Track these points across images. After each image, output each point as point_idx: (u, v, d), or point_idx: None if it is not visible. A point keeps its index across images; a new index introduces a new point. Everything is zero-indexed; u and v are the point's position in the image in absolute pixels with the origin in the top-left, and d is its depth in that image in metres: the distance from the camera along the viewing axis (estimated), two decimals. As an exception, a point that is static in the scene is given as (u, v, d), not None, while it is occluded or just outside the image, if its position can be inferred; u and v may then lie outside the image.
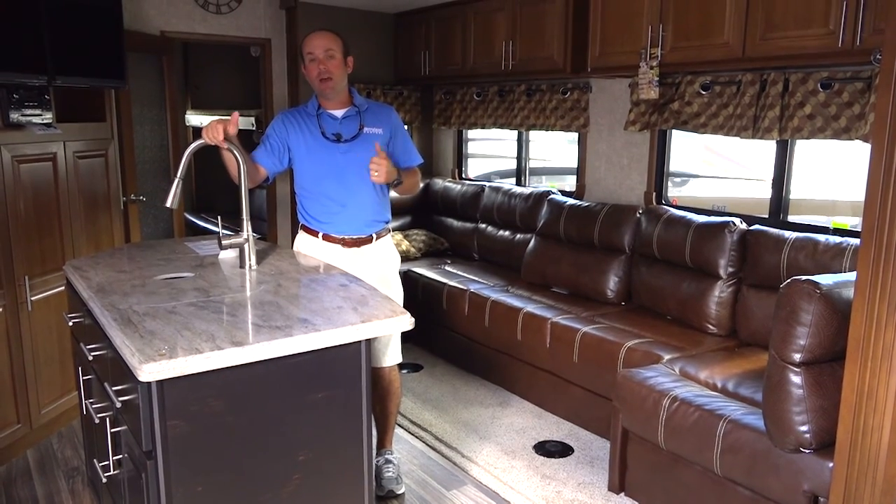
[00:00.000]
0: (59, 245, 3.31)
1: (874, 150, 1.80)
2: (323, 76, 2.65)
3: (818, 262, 2.94)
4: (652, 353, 3.05)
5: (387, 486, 2.83)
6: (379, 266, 2.81)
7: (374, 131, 2.76)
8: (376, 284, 2.62)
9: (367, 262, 2.77)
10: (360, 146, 2.71)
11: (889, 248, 1.78)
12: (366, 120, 2.75)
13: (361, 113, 2.76)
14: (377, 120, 2.78)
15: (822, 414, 2.14)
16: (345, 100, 2.77)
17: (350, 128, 2.74)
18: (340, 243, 2.77)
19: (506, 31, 4.32)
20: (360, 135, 2.73)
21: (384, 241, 2.86)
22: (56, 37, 3.15)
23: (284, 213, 5.26)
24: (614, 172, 4.23)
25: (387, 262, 2.86)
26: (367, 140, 2.72)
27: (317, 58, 2.65)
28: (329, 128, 2.73)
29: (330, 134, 2.72)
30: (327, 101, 2.74)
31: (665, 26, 3.35)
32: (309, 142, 2.73)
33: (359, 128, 2.73)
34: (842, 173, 3.58)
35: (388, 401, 2.89)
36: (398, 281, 2.91)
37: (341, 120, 2.74)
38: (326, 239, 2.77)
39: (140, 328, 1.71)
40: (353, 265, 2.67)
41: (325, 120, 2.74)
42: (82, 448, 3.04)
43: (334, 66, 2.66)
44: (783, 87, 3.15)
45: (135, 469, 1.72)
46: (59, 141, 3.29)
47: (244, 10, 4.83)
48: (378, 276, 2.75)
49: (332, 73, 2.65)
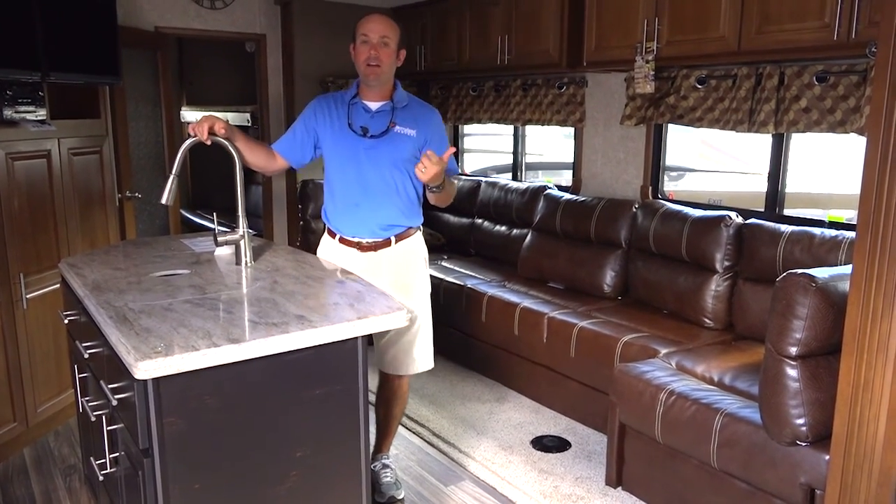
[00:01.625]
0: (54, 243, 3.30)
1: (869, 142, 1.80)
2: (372, 62, 2.48)
3: (814, 256, 2.94)
4: (649, 347, 3.06)
5: (387, 493, 2.75)
6: (398, 272, 2.62)
7: (406, 132, 2.56)
8: (394, 291, 2.45)
9: (385, 268, 2.60)
10: (386, 144, 2.54)
11: (885, 240, 1.78)
12: (399, 118, 2.56)
13: (396, 109, 2.57)
14: (413, 120, 2.58)
15: (818, 407, 2.14)
16: (386, 92, 2.58)
17: (380, 123, 2.55)
18: (356, 247, 2.60)
19: (502, 25, 4.31)
20: (388, 132, 2.54)
21: (407, 244, 2.65)
22: (50, 33, 3.14)
23: (280, 209, 5.25)
24: (610, 167, 4.23)
25: (408, 268, 2.65)
26: (395, 139, 2.54)
27: (370, 41, 2.48)
28: (358, 120, 2.56)
29: (357, 126, 2.54)
30: (368, 88, 2.56)
31: (660, 20, 3.35)
32: (336, 131, 2.57)
33: (389, 125, 2.54)
34: (838, 166, 3.59)
35: (394, 405, 2.80)
36: (424, 289, 2.71)
37: (374, 113, 2.56)
38: (343, 242, 2.62)
39: (136, 325, 1.70)
40: (368, 271, 2.52)
41: (356, 110, 2.57)
42: (79, 446, 3.03)
43: (386, 54, 2.50)
44: (779, 80, 3.15)
45: (131, 467, 1.71)
46: (54, 138, 3.28)
47: (239, 5, 4.81)
48: (399, 284, 2.59)
49: (382, 60, 2.48)
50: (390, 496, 2.76)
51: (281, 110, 5.10)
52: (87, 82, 3.60)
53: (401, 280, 2.62)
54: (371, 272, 2.53)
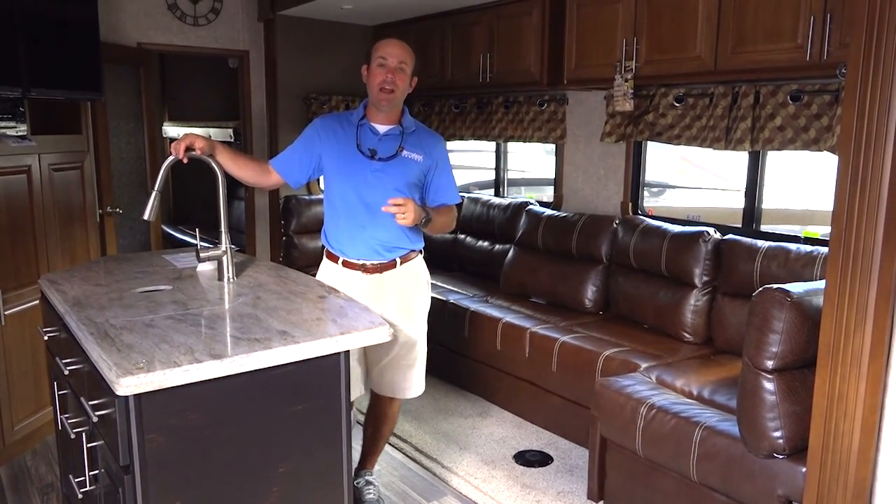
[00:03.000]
0: (33, 258, 3.27)
1: (840, 161, 1.85)
2: (387, 86, 2.47)
3: (790, 271, 2.99)
4: (629, 361, 3.09)
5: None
6: (403, 295, 2.62)
7: (414, 157, 2.56)
8: (397, 316, 2.54)
9: (390, 290, 2.59)
10: (394, 168, 2.53)
11: (856, 255, 1.82)
12: (407, 143, 2.56)
13: (405, 134, 2.57)
14: (420, 146, 2.58)
15: (794, 419, 2.18)
16: (395, 117, 2.57)
17: (389, 147, 2.54)
18: (361, 269, 2.57)
19: (483, 43, 4.36)
20: (396, 156, 2.53)
21: (411, 266, 2.64)
22: (31, 49, 3.13)
23: (263, 225, 5.24)
24: (591, 183, 4.28)
25: (413, 291, 2.66)
26: (403, 163, 2.54)
27: (388, 65, 2.47)
28: (367, 142, 2.54)
29: (365, 148, 2.53)
30: (378, 112, 2.55)
31: (639, 40, 3.42)
32: (343, 152, 2.54)
33: (398, 149, 2.54)
34: (814, 183, 3.66)
35: (384, 425, 2.80)
36: (423, 314, 2.73)
37: (381, 136, 2.55)
38: (347, 265, 2.59)
39: (117, 342, 1.70)
40: (373, 294, 2.54)
41: (364, 132, 2.55)
42: (57, 464, 2.99)
43: (401, 79, 2.49)
44: (754, 99, 3.22)
45: (112, 484, 1.70)
46: (34, 153, 3.26)
47: (222, 22, 4.82)
48: (401, 307, 2.61)
49: (396, 85, 2.48)
50: None
51: (264, 126, 5.11)
52: (68, 98, 3.59)
53: (405, 304, 2.63)
54: (375, 295, 2.54)
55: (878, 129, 1.75)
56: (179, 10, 4.63)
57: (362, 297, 2.39)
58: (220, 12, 4.79)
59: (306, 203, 5.02)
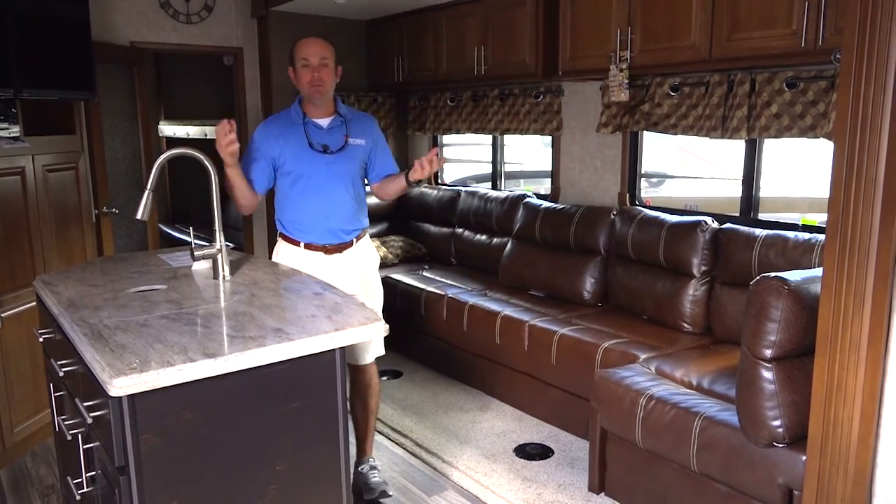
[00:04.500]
0: (29, 260, 3.26)
1: (836, 147, 1.84)
2: (316, 83, 2.65)
3: (788, 259, 2.98)
4: (628, 352, 3.08)
5: (377, 489, 2.86)
6: (360, 269, 2.86)
7: (358, 142, 2.78)
8: (357, 287, 2.74)
9: (349, 266, 2.81)
10: (345, 157, 2.75)
11: (853, 242, 1.81)
12: (350, 131, 2.77)
13: (347, 123, 2.77)
14: (360, 131, 2.80)
15: (793, 408, 2.17)
16: (329, 108, 2.77)
17: (336, 138, 2.74)
18: (322, 251, 2.79)
19: (478, 36, 4.34)
20: (346, 146, 2.74)
21: (363, 242, 2.90)
22: (23, 49, 3.12)
23: (260, 222, 5.23)
24: (588, 174, 4.27)
25: (367, 263, 2.91)
26: (351, 151, 2.76)
27: (311, 64, 2.65)
28: (316, 138, 2.72)
29: (317, 145, 2.71)
30: (314, 108, 2.74)
31: (633, 29, 3.40)
32: (296, 151, 2.71)
33: (345, 139, 2.74)
34: (811, 171, 3.65)
35: (369, 398, 2.91)
36: (378, 281, 2.98)
37: (327, 130, 2.75)
38: (308, 248, 2.79)
39: (111, 342, 1.69)
40: (334, 271, 2.73)
41: (311, 129, 2.73)
42: (56, 466, 2.99)
43: (327, 74, 2.67)
44: (750, 87, 3.20)
45: (108, 485, 1.69)
46: (28, 154, 3.25)
47: (215, 19, 4.80)
48: (359, 279, 2.82)
49: (324, 81, 2.66)
50: (381, 491, 2.86)
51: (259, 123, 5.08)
52: (61, 98, 3.58)
53: (365, 276, 2.88)
54: (337, 272, 2.74)
55: (874, 115, 1.74)
56: (172, 8, 4.61)
57: (324, 274, 2.58)
58: (212, 9, 4.77)
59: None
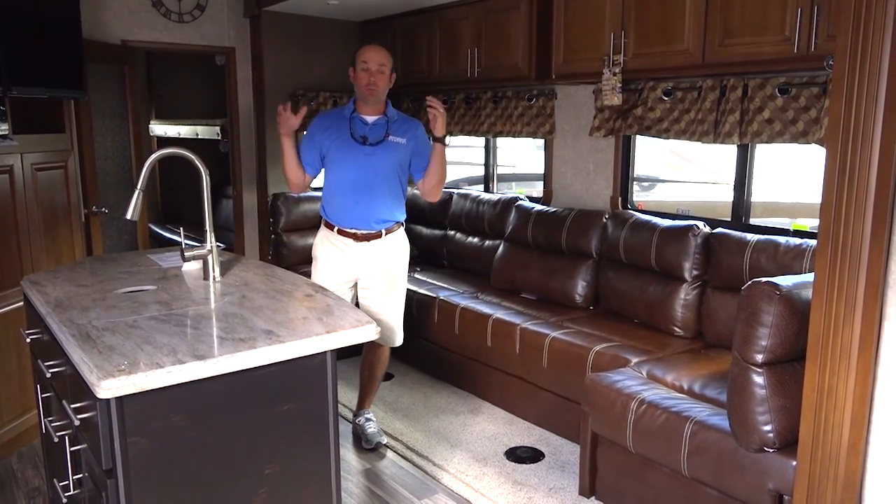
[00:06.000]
0: (16, 260, 3.23)
1: (828, 153, 1.84)
2: (371, 86, 3.01)
3: (779, 264, 2.99)
4: (620, 356, 3.08)
5: (373, 440, 3.27)
6: (387, 261, 3.17)
7: (398, 140, 3.09)
8: (381, 279, 3.16)
9: (377, 257, 3.14)
10: (382, 151, 3.06)
11: (844, 248, 1.82)
12: (392, 129, 3.09)
13: (390, 122, 3.10)
14: (404, 131, 3.11)
15: (784, 413, 2.17)
16: (380, 108, 3.12)
17: (377, 133, 3.08)
18: (353, 237, 3.11)
19: (471, 38, 4.34)
20: (384, 141, 3.06)
21: (394, 236, 3.18)
22: (11, 47, 3.09)
23: (251, 223, 5.20)
24: (580, 178, 4.27)
25: (396, 258, 3.20)
26: (389, 147, 3.07)
27: (370, 69, 3.01)
28: (358, 130, 3.08)
29: (358, 136, 3.06)
30: (366, 105, 3.09)
31: (627, 33, 3.40)
32: (340, 141, 3.07)
33: (384, 135, 3.06)
34: (802, 176, 3.66)
35: (377, 368, 3.35)
36: (404, 279, 3.28)
37: (371, 125, 3.09)
38: (341, 233, 3.11)
39: (99, 343, 1.67)
40: (362, 259, 3.12)
41: (356, 123, 3.09)
42: (43, 468, 2.96)
43: (382, 79, 3.03)
44: (742, 92, 3.21)
45: (95, 488, 1.67)
46: (16, 153, 3.22)
47: (207, 18, 4.78)
48: (384, 271, 3.16)
49: (378, 85, 3.02)
50: (376, 442, 3.28)
51: (251, 123, 5.07)
52: (50, 96, 3.54)
53: (388, 269, 3.18)
54: (365, 260, 3.13)
55: (866, 121, 1.75)
56: (164, 7, 4.58)
57: (352, 260, 3.11)
58: (205, 8, 4.74)
59: (294, 201, 4.97)
